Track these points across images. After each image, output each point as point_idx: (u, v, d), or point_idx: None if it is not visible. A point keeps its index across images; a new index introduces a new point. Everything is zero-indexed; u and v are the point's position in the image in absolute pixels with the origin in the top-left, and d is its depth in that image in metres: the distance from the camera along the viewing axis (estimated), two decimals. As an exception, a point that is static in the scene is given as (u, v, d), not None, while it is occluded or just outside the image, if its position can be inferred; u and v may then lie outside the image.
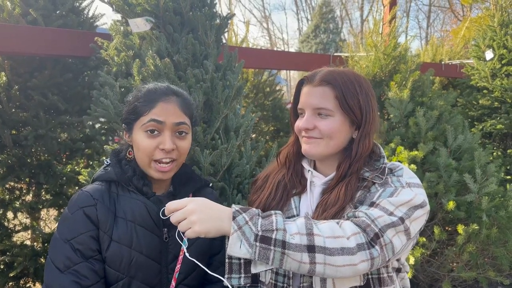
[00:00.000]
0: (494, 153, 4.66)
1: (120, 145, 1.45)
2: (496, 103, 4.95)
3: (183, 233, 1.05)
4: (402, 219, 1.08)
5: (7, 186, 3.08)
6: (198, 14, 2.36)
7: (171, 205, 1.07)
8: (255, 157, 2.39)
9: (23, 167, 2.99)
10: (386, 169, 1.23)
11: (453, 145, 3.11)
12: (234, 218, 1.02)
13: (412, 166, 2.88)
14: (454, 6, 28.09)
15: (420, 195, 1.16)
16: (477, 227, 2.80)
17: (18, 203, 3.07)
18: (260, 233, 1.00)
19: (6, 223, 3.02)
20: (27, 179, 3.10)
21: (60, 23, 3.05)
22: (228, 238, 1.02)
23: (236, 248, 1.00)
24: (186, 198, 1.09)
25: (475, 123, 5.06)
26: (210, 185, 1.53)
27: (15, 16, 2.87)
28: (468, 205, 2.92)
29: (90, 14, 3.39)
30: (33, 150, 3.07)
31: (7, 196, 3.06)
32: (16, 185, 3.16)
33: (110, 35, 2.67)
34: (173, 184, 1.43)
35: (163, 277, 1.30)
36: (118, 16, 2.69)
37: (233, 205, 1.07)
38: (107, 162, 1.38)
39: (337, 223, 1.06)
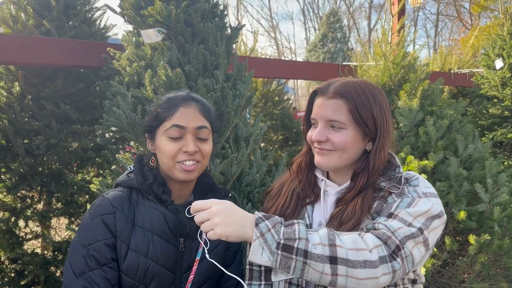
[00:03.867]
0: (505, 163, 4.61)
1: (143, 153, 1.49)
2: (507, 112, 4.91)
3: (205, 234, 1.05)
4: (421, 230, 1.08)
5: (19, 194, 3.11)
6: (209, 25, 2.39)
7: (196, 204, 1.08)
8: (264, 166, 2.40)
9: (34, 176, 3.02)
10: (402, 178, 1.23)
11: (463, 155, 3.09)
12: (257, 224, 1.02)
13: (423, 175, 2.85)
14: (462, 15, 28.04)
15: (437, 205, 1.15)
16: (488, 238, 2.77)
17: (29, 211, 3.10)
18: (282, 241, 0.99)
19: (17, 232, 3.05)
20: (39, 188, 3.13)
21: (73, 34, 3.10)
22: (250, 244, 1.02)
23: (258, 255, 1.00)
24: (212, 199, 1.08)
25: (486, 132, 5.03)
26: (229, 195, 1.53)
27: (29, 27, 2.92)
28: (480, 215, 2.89)
29: (102, 25, 3.45)
30: (44, 159, 3.11)
31: (19, 205, 3.08)
32: (27, 193, 3.19)
33: (122, 46, 2.71)
34: (194, 194, 1.43)
35: (176, 286, 1.32)
36: (129, 27, 2.73)
37: (256, 212, 1.07)
38: (131, 168, 1.39)
39: (359, 235, 1.05)
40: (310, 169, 1.36)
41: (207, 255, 1.13)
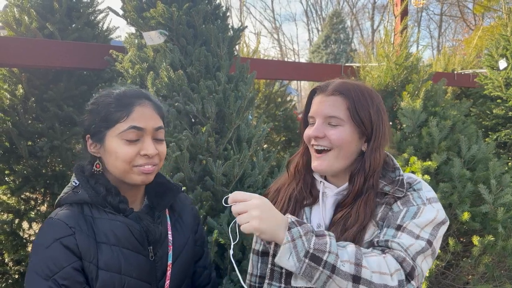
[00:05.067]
0: (509, 163, 4.59)
1: (78, 160, 1.30)
2: (510, 112, 4.89)
3: (239, 226, 1.04)
4: (429, 242, 1.11)
5: (23, 196, 3.12)
6: (211, 27, 2.40)
7: (237, 195, 1.07)
8: (267, 167, 2.40)
9: (38, 178, 3.03)
10: (405, 181, 1.23)
11: (467, 155, 3.08)
12: (289, 228, 1.03)
13: (426, 176, 2.85)
14: (465, 15, 27.96)
15: (441, 211, 1.17)
16: (492, 239, 2.75)
17: (33, 213, 3.10)
18: (311, 251, 1.01)
19: (21, 233, 3.06)
20: (42, 190, 3.14)
21: (76, 36, 3.11)
22: (275, 244, 1.04)
23: (285, 259, 1.01)
24: (252, 193, 1.08)
25: (489, 133, 5.01)
26: (182, 189, 1.46)
27: (32, 30, 2.94)
28: (483, 216, 2.87)
29: (105, 27, 3.46)
30: (48, 161, 3.12)
31: (23, 206, 3.09)
32: (31, 195, 3.20)
33: (125, 48, 2.72)
34: (148, 196, 1.34)
35: None
36: (132, 29, 2.74)
37: (289, 215, 1.08)
38: (75, 183, 1.23)
39: (383, 257, 1.07)
40: (307, 171, 1.35)
41: (231, 252, 1.10)
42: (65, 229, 1.13)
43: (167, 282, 1.26)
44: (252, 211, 1.03)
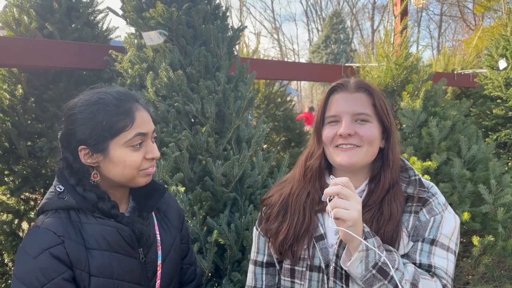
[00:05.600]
0: (509, 163, 4.59)
1: (60, 170, 1.23)
2: (510, 112, 4.89)
3: (332, 211, 1.04)
4: (455, 253, 1.19)
5: (22, 196, 3.12)
6: (210, 27, 2.40)
7: (348, 182, 1.06)
8: (266, 167, 2.40)
9: (38, 178, 3.03)
10: (422, 182, 1.25)
11: (467, 156, 3.08)
12: (365, 238, 1.06)
13: (426, 176, 2.85)
14: (465, 16, 27.97)
15: (454, 214, 1.23)
16: (492, 239, 2.75)
17: (32, 213, 3.10)
18: (380, 263, 1.05)
19: (20, 234, 3.06)
20: (42, 190, 3.14)
21: (75, 36, 3.11)
22: (339, 245, 1.13)
23: (354, 265, 1.06)
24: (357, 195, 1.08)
25: (489, 133, 5.00)
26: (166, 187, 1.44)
27: (31, 30, 2.93)
28: (483, 216, 2.87)
29: (104, 27, 3.46)
30: (47, 161, 3.12)
31: (22, 207, 3.09)
32: (31, 195, 3.20)
33: (124, 48, 2.72)
34: (134, 197, 1.33)
35: None
36: (132, 29, 2.74)
37: (364, 224, 1.09)
38: (60, 189, 1.19)
39: (434, 281, 1.12)
40: (321, 174, 1.30)
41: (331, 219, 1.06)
42: (53, 239, 1.10)
43: (158, 282, 1.27)
44: (356, 204, 1.04)
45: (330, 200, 1.06)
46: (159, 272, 1.27)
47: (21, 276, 1.07)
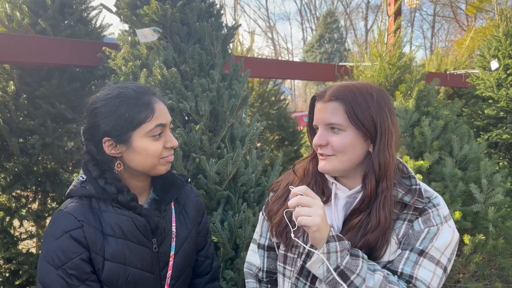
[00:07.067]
0: (500, 163, 4.63)
1: (85, 163, 1.31)
2: (502, 113, 4.93)
3: (296, 217, 1.09)
4: (446, 269, 1.18)
5: (14, 194, 3.10)
6: (205, 25, 2.39)
7: (307, 190, 1.12)
8: (260, 166, 2.40)
9: (29, 175, 3.01)
10: (422, 192, 1.22)
11: (458, 155, 3.10)
12: (328, 241, 1.10)
13: (418, 175, 2.87)
14: (458, 16, 28.17)
15: (455, 229, 1.21)
16: (483, 238, 2.78)
17: (24, 211, 3.08)
18: (341, 267, 1.09)
19: (12, 231, 3.04)
20: (34, 187, 3.12)
21: (68, 33, 3.09)
22: (311, 246, 1.14)
23: (316, 266, 1.11)
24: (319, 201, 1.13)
25: (481, 133, 5.05)
26: (188, 180, 1.50)
27: (24, 26, 2.91)
28: (474, 215, 2.90)
29: (98, 24, 3.44)
30: (40, 158, 3.10)
31: (14, 204, 3.07)
32: (22, 193, 3.18)
33: (118, 45, 2.71)
34: (154, 189, 1.40)
35: (157, 285, 1.32)
36: (125, 26, 2.73)
37: (332, 229, 1.12)
38: (83, 178, 1.29)
39: None
40: (318, 172, 1.33)
41: (292, 235, 1.17)
42: (74, 222, 1.20)
43: (169, 271, 1.33)
44: (318, 209, 1.09)
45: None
46: (171, 263, 1.33)
47: (45, 254, 1.19)
